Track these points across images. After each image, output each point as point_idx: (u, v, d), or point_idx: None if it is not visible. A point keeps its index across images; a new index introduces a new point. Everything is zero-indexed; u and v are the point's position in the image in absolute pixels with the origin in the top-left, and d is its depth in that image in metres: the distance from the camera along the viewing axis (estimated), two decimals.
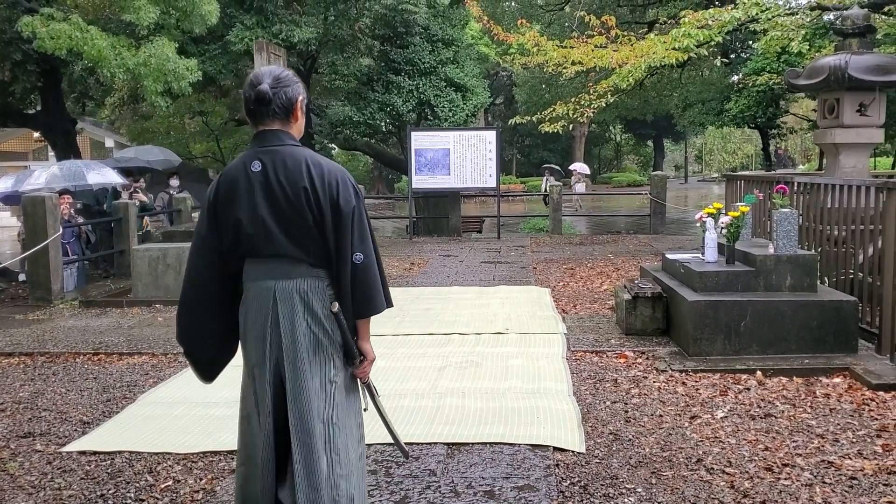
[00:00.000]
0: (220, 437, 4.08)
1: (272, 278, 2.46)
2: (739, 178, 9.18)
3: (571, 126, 19.13)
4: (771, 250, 5.63)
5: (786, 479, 3.45)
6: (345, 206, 2.42)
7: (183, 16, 10.47)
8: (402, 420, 4.23)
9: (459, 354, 5.72)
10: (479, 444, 3.92)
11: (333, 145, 21.03)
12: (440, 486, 3.43)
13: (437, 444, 3.92)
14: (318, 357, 2.46)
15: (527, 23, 12.96)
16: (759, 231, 7.48)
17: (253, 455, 2.51)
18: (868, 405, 4.41)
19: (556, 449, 3.84)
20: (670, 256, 6.46)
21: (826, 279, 6.23)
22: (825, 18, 11.83)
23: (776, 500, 3.25)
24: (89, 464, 3.86)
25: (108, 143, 25.66)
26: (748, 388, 4.77)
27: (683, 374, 5.06)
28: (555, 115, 12.17)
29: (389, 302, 2.54)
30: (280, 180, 2.42)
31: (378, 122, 17.50)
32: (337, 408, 2.48)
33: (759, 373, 5.00)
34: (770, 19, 10.64)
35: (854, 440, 3.89)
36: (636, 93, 20.92)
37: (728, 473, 3.52)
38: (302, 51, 15.53)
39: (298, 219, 2.42)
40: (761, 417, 4.26)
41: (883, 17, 11.56)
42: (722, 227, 5.81)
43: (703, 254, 5.99)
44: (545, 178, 26.51)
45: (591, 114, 12.79)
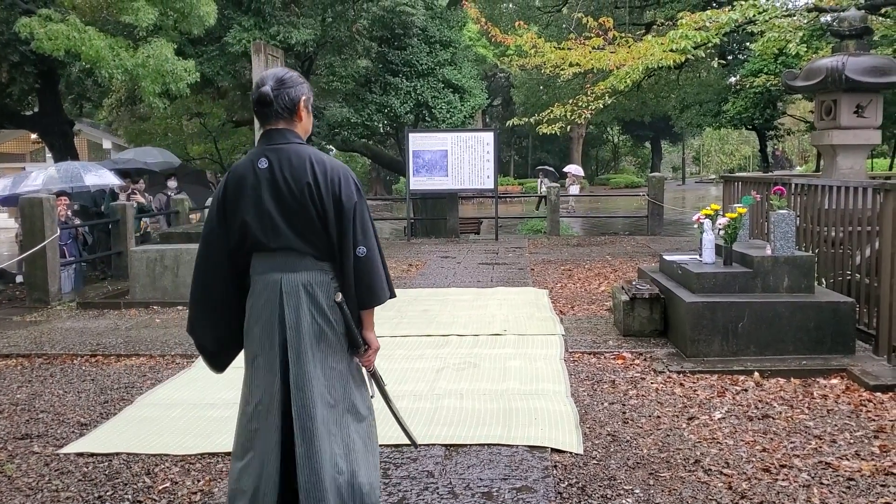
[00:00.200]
0: (218, 438, 4.08)
1: (279, 271, 2.56)
2: (737, 180, 9.17)
3: (569, 128, 19.13)
4: (768, 252, 5.64)
5: (783, 480, 3.46)
6: (346, 201, 2.53)
7: (181, 17, 10.46)
8: None
9: (457, 356, 5.72)
10: (477, 445, 3.92)
11: (331, 147, 21.01)
12: (438, 488, 3.43)
13: (435, 445, 3.93)
14: (322, 346, 2.56)
15: (524, 24, 12.91)
16: (757, 232, 7.48)
17: (251, 447, 2.57)
18: (865, 406, 4.42)
19: (553, 450, 3.84)
20: (668, 258, 6.46)
21: (823, 280, 6.24)
22: (822, 20, 11.83)
23: (774, 501, 3.25)
24: (87, 465, 3.85)
25: (106, 144, 25.63)
26: (746, 390, 4.78)
27: (681, 375, 5.07)
28: (552, 116, 12.17)
29: (392, 292, 2.65)
30: (285, 176, 2.52)
31: (376, 123, 17.51)
32: (339, 393, 2.58)
33: (756, 374, 5.01)
34: (767, 21, 10.66)
35: (851, 441, 3.90)
36: (634, 94, 20.96)
37: (726, 474, 3.53)
38: (300, 52, 15.53)
39: (303, 213, 2.52)
40: (759, 418, 4.27)
41: (880, 18, 11.57)
42: (719, 229, 5.82)
43: (700, 255, 5.99)
44: (539, 180, 26.19)
45: (589, 115, 12.78)
